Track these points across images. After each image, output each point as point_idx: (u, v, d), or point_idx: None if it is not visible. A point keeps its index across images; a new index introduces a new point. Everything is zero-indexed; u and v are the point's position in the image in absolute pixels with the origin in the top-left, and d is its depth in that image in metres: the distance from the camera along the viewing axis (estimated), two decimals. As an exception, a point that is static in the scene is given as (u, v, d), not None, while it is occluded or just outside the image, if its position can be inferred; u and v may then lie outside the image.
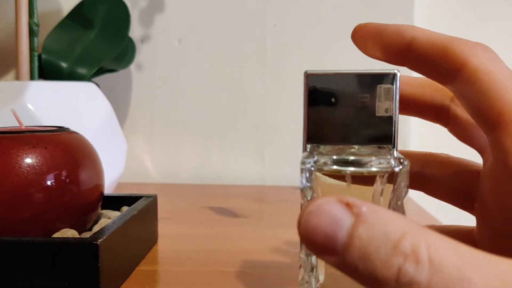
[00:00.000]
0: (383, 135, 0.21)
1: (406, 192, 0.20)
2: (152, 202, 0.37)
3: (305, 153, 0.21)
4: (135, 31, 0.65)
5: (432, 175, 0.25)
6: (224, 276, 0.32)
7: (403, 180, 0.20)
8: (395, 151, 0.21)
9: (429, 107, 0.25)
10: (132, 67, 0.66)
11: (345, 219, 0.15)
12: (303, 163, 0.20)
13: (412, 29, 0.21)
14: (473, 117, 0.20)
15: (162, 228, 0.40)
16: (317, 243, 0.16)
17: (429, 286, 0.14)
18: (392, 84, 0.21)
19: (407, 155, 0.25)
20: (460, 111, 0.24)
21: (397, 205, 0.20)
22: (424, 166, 0.25)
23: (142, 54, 0.66)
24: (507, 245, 0.19)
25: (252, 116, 0.66)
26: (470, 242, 0.21)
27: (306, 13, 0.65)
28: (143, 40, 0.66)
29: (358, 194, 0.21)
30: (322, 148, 0.21)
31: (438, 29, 0.21)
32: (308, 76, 0.21)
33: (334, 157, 0.20)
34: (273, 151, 0.66)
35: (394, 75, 0.21)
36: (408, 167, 0.20)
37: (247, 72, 0.66)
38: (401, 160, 0.20)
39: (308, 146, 0.21)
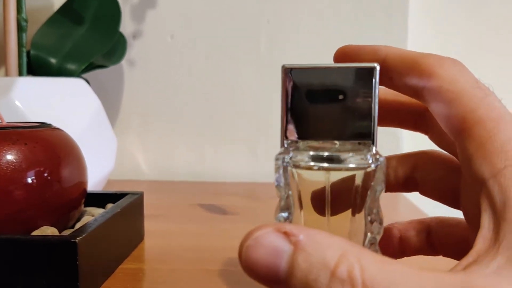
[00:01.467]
0: (363, 131, 0.21)
1: (383, 188, 0.20)
2: (138, 200, 0.37)
3: (281, 149, 0.21)
4: (126, 27, 0.65)
5: (423, 177, 0.25)
6: (210, 274, 0.31)
7: (379, 177, 0.19)
8: (374, 148, 0.20)
9: (407, 115, 0.25)
10: (124, 63, 0.66)
11: (284, 249, 0.16)
12: (277, 159, 0.19)
13: (386, 48, 0.22)
14: (442, 126, 0.21)
15: (150, 225, 0.40)
16: (260, 275, 0.16)
17: None
18: (372, 78, 0.20)
19: (397, 158, 0.26)
20: None
21: (373, 202, 0.20)
22: (415, 169, 0.25)
23: (134, 50, 0.66)
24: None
25: (246, 113, 0.66)
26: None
27: (300, 9, 0.64)
28: (135, 35, 0.66)
29: (337, 190, 0.21)
30: (301, 144, 0.21)
31: (433, 32, 0.21)
32: (286, 70, 0.21)
33: (311, 153, 0.19)
34: (266, 148, 0.66)
35: (373, 68, 0.20)
36: (384, 164, 0.20)
37: (241, 68, 0.65)
38: (377, 157, 0.19)
39: (286, 142, 0.21)
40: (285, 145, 0.21)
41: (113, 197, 0.37)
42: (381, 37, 0.63)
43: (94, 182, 0.48)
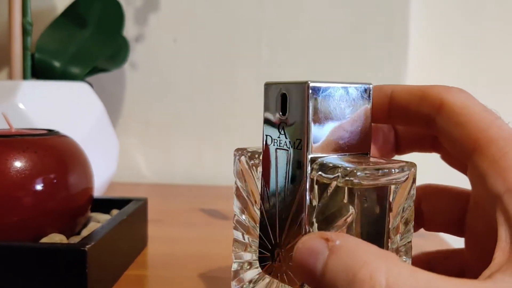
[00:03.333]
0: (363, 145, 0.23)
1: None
2: (142, 206, 0.37)
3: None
4: (129, 30, 0.65)
5: (429, 208, 0.26)
6: (214, 282, 0.32)
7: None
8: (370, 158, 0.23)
9: (426, 139, 0.26)
10: (126, 66, 0.66)
11: (322, 252, 0.18)
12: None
13: (391, 85, 0.24)
14: (453, 149, 0.22)
15: (153, 230, 0.40)
16: (302, 274, 0.19)
17: None
18: (367, 95, 0.23)
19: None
20: None
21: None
22: (420, 201, 0.26)
23: (137, 53, 0.66)
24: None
25: (247, 117, 0.66)
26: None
27: (302, 15, 0.65)
28: (138, 39, 0.66)
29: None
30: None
31: (434, 33, 0.22)
32: (308, 87, 0.21)
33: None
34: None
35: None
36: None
37: (242, 72, 0.66)
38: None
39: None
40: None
41: (118, 203, 0.38)
42: (382, 40, 0.64)
43: (97, 186, 0.48)
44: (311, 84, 0.21)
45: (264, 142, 0.24)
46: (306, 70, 0.65)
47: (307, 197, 0.22)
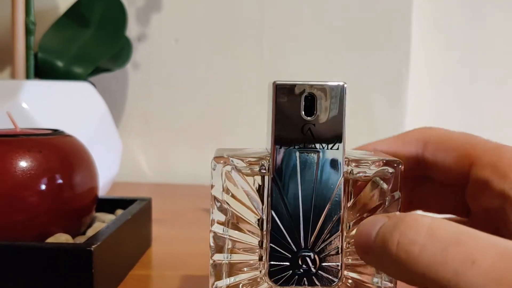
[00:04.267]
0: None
1: None
2: (146, 206, 0.37)
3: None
4: (131, 30, 0.65)
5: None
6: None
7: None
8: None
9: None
10: (129, 66, 0.66)
11: (381, 221, 0.19)
12: None
13: (373, 142, 0.26)
14: (448, 176, 0.24)
15: (157, 230, 0.40)
16: (360, 244, 0.19)
17: (425, 246, 0.17)
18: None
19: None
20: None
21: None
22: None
23: (139, 53, 0.66)
24: None
25: (248, 117, 0.66)
26: None
27: (304, 15, 0.65)
28: (140, 39, 0.66)
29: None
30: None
31: (436, 34, 0.23)
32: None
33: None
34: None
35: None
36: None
37: (244, 72, 0.66)
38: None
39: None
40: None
41: (122, 203, 0.38)
42: (384, 41, 0.64)
43: (100, 186, 0.48)
44: (345, 85, 0.22)
45: (277, 146, 0.23)
46: (308, 69, 0.65)
47: (342, 196, 0.22)
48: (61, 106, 0.48)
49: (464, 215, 0.25)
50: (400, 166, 0.23)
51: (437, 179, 0.25)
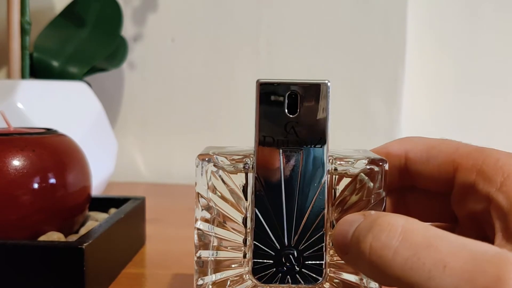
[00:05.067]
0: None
1: None
2: (140, 205, 0.37)
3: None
4: (127, 30, 0.65)
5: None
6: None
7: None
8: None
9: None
10: (125, 66, 0.66)
11: (357, 221, 0.20)
12: None
13: None
14: (432, 183, 0.24)
15: (151, 229, 0.41)
16: (337, 243, 0.20)
17: (397, 250, 0.17)
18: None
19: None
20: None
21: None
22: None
23: (135, 53, 0.66)
24: None
25: (245, 116, 0.66)
26: None
27: (300, 14, 0.65)
28: (136, 39, 0.66)
29: None
30: None
31: (432, 33, 0.23)
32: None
33: None
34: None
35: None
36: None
37: (240, 72, 0.66)
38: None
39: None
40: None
41: (116, 202, 0.38)
42: (380, 40, 0.64)
43: (95, 185, 0.48)
44: (328, 84, 0.22)
45: (261, 144, 0.23)
46: (304, 69, 0.65)
47: (326, 194, 0.23)
48: (57, 106, 0.48)
49: (452, 221, 0.25)
50: (385, 165, 0.23)
51: (422, 188, 0.25)
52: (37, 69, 0.54)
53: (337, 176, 0.23)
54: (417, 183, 0.24)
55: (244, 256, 0.24)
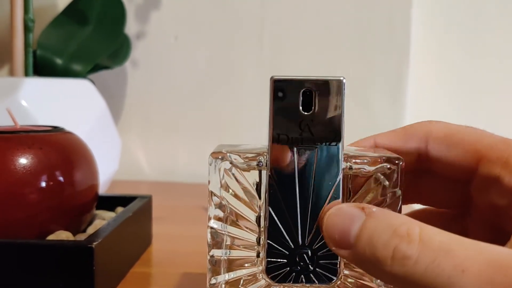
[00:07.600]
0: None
1: None
2: (146, 203, 0.37)
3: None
4: (130, 28, 0.65)
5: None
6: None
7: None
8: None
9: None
10: (128, 63, 0.66)
11: (358, 217, 0.19)
12: None
13: (373, 135, 0.26)
14: (452, 170, 0.23)
15: (157, 228, 0.40)
16: (335, 239, 0.19)
17: (418, 259, 0.17)
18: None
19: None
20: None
21: None
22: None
23: (138, 50, 0.66)
24: None
25: (248, 114, 0.66)
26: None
27: (304, 11, 0.65)
28: (139, 36, 0.66)
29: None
30: None
31: (435, 28, 0.22)
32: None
33: None
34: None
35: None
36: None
37: (244, 69, 0.66)
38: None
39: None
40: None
41: (122, 200, 0.37)
42: (384, 39, 0.64)
43: (100, 184, 0.48)
44: (344, 80, 0.22)
45: (275, 142, 0.23)
46: (308, 66, 0.65)
47: (340, 193, 0.22)
48: (60, 103, 0.48)
49: (463, 208, 0.25)
50: (401, 163, 0.23)
51: (439, 173, 0.24)
52: (41, 66, 0.54)
53: (351, 175, 0.23)
54: (434, 168, 0.24)
55: (258, 255, 0.23)
